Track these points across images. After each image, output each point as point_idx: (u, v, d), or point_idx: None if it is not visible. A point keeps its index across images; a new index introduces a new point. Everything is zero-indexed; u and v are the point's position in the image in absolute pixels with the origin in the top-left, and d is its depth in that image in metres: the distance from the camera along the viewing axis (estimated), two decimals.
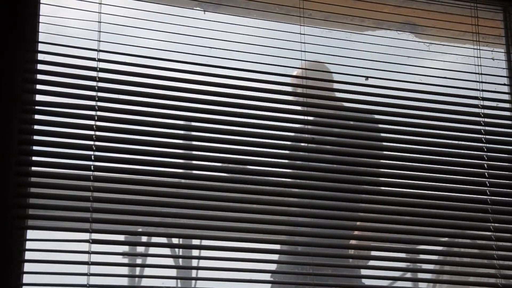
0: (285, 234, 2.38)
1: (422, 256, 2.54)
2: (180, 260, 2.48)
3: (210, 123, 2.31)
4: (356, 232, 2.47)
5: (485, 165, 2.56)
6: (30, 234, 2.12)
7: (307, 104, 2.46)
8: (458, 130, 2.57)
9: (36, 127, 2.19)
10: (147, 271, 2.30)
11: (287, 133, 2.40)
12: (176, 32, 2.35)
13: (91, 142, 2.19)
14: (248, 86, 2.38)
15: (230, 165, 2.31)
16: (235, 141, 2.32)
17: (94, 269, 2.10)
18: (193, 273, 2.37)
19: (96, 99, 2.22)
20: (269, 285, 2.46)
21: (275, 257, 2.48)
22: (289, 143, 2.41)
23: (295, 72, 2.54)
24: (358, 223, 2.44)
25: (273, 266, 2.50)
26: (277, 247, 2.48)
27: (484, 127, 2.60)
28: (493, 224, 2.50)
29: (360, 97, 2.51)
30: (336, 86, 2.57)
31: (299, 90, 2.49)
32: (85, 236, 2.12)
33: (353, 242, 2.48)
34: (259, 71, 2.42)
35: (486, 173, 2.55)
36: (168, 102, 2.29)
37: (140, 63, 2.30)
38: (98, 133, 2.20)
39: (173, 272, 2.30)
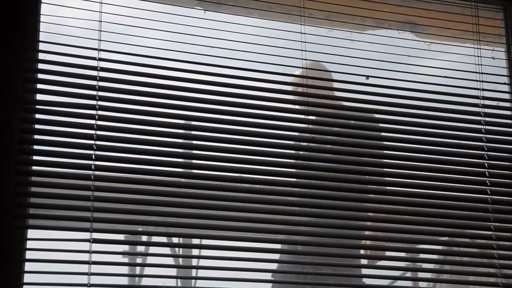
0: (285, 234, 2.38)
1: (422, 256, 2.54)
2: (180, 259, 2.48)
3: (210, 122, 2.31)
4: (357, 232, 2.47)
5: (486, 164, 2.56)
6: (31, 233, 2.11)
7: (307, 103, 2.46)
8: (459, 129, 2.57)
9: (36, 126, 2.19)
10: (147, 270, 2.30)
11: (288, 133, 2.39)
12: (176, 32, 2.35)
13: (92, 142, 2.19)
14: (249, 85, 2.38)
15: (231, 165, 2.30)
16: (235, 140, 2.32)
17: (95, 268, 2.10)
18: (193, 272, 2.37)
19: (97, 98, 2.22)
20: (270, 284, 2.46)
21: (275, 256, 2.48)
22: (289, 142, 2.41)
23: (295, 72, 2.54)
24: (358, 222, 2.44)
25: (273, 266, 2.50)
26: (277, 246, 2.48)
27: (484, 126, 2.60)
28: (493, 224, 2.50)
29: (360, 96, 2.51)
30: (336, 85, 2.56)
31: (300, 89, 2.49)
32: (85, 235, 2.12)
33: (354, 241, 2.49)
34: (259, 70, 2.41)
35: (486, 172, 2.55)
36: (168, 101, 2.29)
37: (140, 62, 2.29)
38: (98, 132, 2.20)
39: (173, 272, 2.29)
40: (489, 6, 2.77)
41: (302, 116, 2.44)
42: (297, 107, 2.46)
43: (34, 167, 2.17)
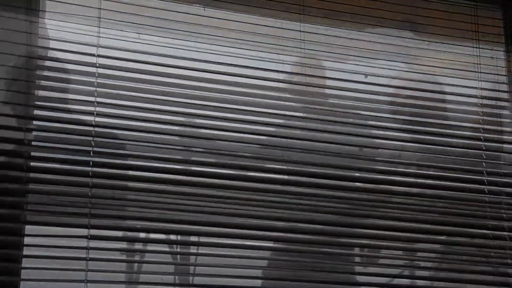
0: (283, 232, 2.37)
1: (420, 254, 2.54)
2: (178, 256, 2.47)
3: (208, 119, 2.31)
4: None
5: (484, 163, 2.56)
6: (29, 229, 2.11)
7: (305, 101, 2.46)
8: (457, 129, 2.57)
9: (34, 122, 2.19)
10: (145, 267, 2.30)
11: (286, 130, 2.40)
12: (175, 28, 2.35)
13: (90, 138, 2.19)
14: (248, 83, 2.38)
15: (230, 162, 2.31)
16: (233, 138, 2.32)
17: (92, 264, 2.10)
18: (191, 269, 2.37)
19: (95, 94, 2.22)
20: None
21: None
22: (288, 140, 2.41)
23: (294, 69, 2.54)
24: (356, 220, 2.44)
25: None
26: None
27: (483, 126, 2.60)
28: (491, 222, 2.51)
29: (358, 95, 2.50)
30: (334, 83, 2.56)
31: (297, 87, 2.49)
32: (83, 232, 2.12)
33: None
34: (257, 67, 2.42)
35: (484, 171, 2.56)
36: (167, 98, 2.29)
37: (139, 59, 2.29)
38: (97, 129, 2.20)
39: (171, 268, 2.29)
40: (488, 6, 2.77)
41: (300, 114, 2.44)
42: (294, 104, 2.46)
43: (32, 163, 2.16)
